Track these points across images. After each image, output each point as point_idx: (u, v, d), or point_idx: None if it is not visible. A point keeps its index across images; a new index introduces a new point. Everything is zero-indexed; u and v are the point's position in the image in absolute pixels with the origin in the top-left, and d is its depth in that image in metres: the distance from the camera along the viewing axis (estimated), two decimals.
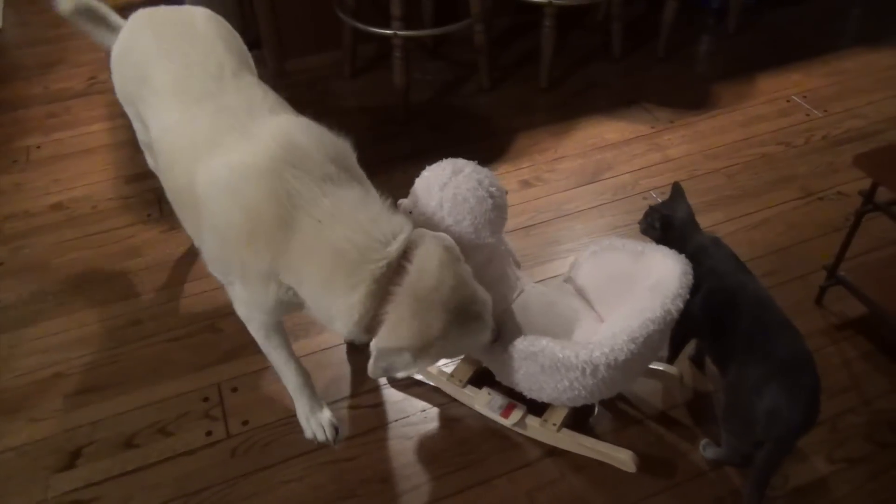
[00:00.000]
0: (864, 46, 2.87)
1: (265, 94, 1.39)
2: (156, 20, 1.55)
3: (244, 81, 1.41)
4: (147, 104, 1.46)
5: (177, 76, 1.41)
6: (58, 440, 1.58)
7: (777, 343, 1.34)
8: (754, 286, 1.44)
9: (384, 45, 2.74)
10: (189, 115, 1.34)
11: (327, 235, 1.17)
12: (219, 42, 1.48)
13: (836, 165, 2.29)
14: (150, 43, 1.48)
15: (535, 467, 1.51)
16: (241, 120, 1.29)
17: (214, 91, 1.36)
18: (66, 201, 2.23)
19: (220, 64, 1.42)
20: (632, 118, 2.53)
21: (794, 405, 1.28)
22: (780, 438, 1.30)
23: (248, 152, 1.22)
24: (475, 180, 1.36)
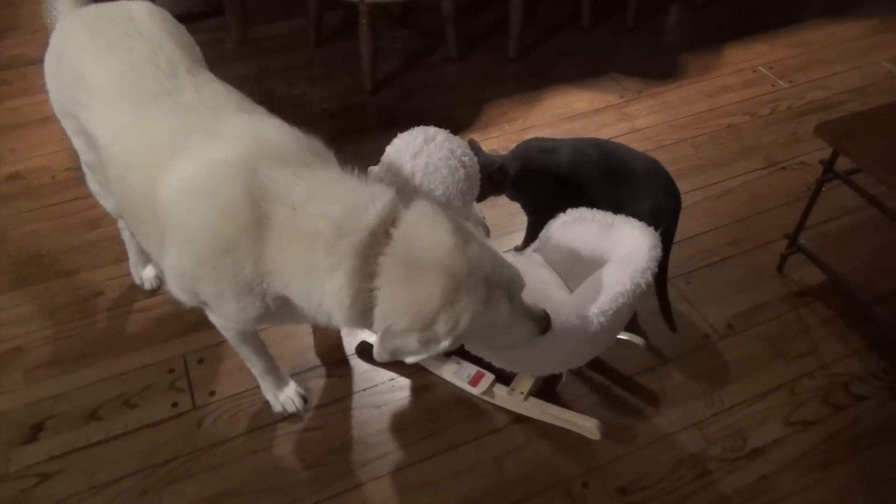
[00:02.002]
0: (830, 18, 2.90)
1: (228, 91, 1.28)
2: (88, 17, 1.37)
3: (202, 78, 1.29)
4: (88, 109, 1.29)
5: (122, 75, 1.26)
6: (19, 414, 1.55)
7: (633, 164, 1.58)
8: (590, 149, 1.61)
9: (350, 13, 2.69)
10: (143, 116, 1.21)
11: (301, 219, 1.05)
12: (165, 36, 1.33)
13: (800, 136, 2.32)
14: (84, 41, 1.32)
15: (501, 434, 1.53)
16: (206, 119, 1.17)
17: (170, 89, 1.23)
18: (23, 171, 2.16)
19: (171, 60, 1.28)
20: (601, 88, 2.53)
21: (671, 194, 1.57)
22: (667, 225, 1.56)
23: (220, 153, 1.10)
24: (447, 149, 1.35)
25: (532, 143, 1.63)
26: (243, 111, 1.22)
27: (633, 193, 1.57)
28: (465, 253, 1.04)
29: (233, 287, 1.11)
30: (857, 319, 1.75)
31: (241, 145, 1.11)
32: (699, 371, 1.66)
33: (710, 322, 1.76)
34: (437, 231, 1.04)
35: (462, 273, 1.03)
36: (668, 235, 1.59)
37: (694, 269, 1.89)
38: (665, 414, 1.58)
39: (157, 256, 1.24)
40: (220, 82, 1.31)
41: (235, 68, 2.58)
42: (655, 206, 1.57)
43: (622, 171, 1.57)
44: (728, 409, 1.59)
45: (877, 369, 1.66)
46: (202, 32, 2.74)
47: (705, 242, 1.96)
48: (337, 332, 1.72)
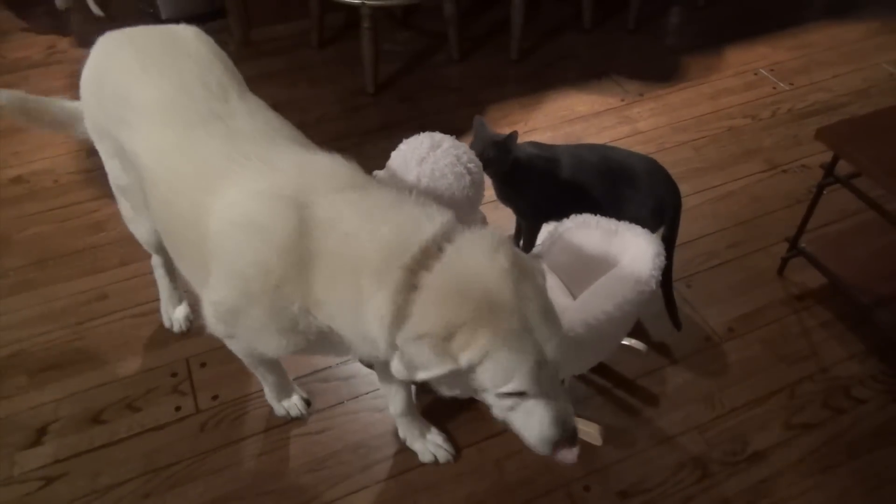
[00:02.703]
0: (831, 19, 2.90)
1: (281, 121, 1.25)
2: (135, 37, 1.34)
3: (254, 104, 1.25)
4: (132, 128, 1.24)
5: (171, 95, 1.22)
6: (23, 417, 1.56)
7: (633, 164, 1.60)
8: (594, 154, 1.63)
9: (353, 15, 2.70)
10: (194, 137, 1.16)
11: (352, 244, 1.01)
12: (215, 60, 1.30)
13: (801, 138, 2.32)
14: (132, 60, 1.28)
15: (503, 437, 1.54)
16: (260, 148, 1.13)
17: (222, 113, 1.19)
18: (27, 175, 2.17)
19: (222, 84, 1.25)
20: (602, 90, 2.53)
21: (672, 191, 1.60)
22: (673, 219, 1.60)
23: (274, 185, 1.06)
24: (453, 156, 1.35)
25: (528, 147, 1.63)
26: (296, 143, 1.19)
27: (634, 193, 1.58)
28: (515, 286, 0.98)
29: (278, 322, 1.08)
30: (857, 322, 1.76)
31: (295, 178, 1.07)
32: (700, 374, 1.66)
33: (711, 325, 1.77)
34: (493, 256, 0.99)
35: (502, 302, 0.96)
36: (672, 230, 1.61)
37: (695, 272, 1.89)
38: (666, 417, 1.58)
39: (199, 286, 1.20)
40: (273, 111, 1.28)
41: (238, 70, 2.58)
42: (658, 204, 1.59)
43: (622, 172, 1.58)
44: (729, 412, 1.59)
45: (876, 372, 1.67)
46: None
47: (706, 245, 1.97)
48: None
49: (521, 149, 1.61)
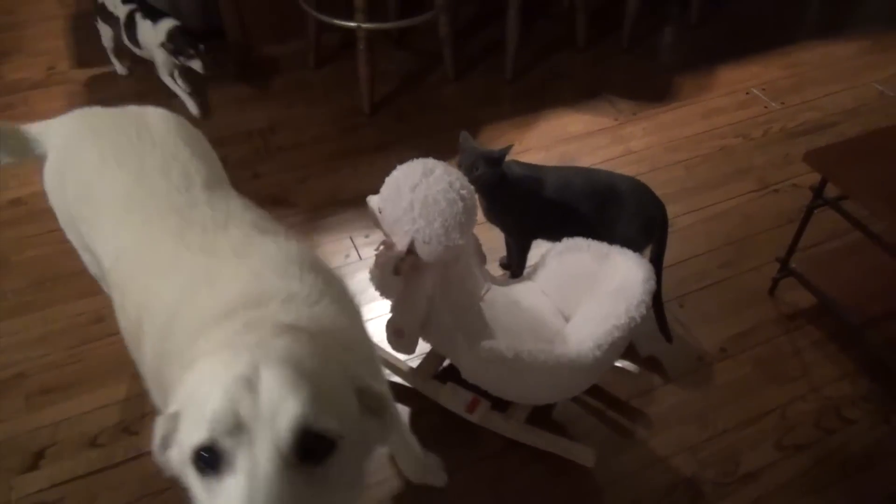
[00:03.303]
0: (822, 38, 2.93)
1: (245, 209, 1.14)
2: (97, 121, 1.26)
3: (219, 193, 1.15)
4: (93, 227, 1.17)
5: (130, 189, 1.13)
6: (20, 441, 1.57)
7: (617, 184, 1.62)
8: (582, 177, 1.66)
9: (349, 35, 2.72)
10: (147, 236, 1.08)
11: None
12: (182, 146, 1.22)
13: (792, 157, 2.35)
14: (92, 151, 1.20)
15: (497, 459, 1.55)
16: (209, 235, 1.05)
17: (181, 205, 1.11)
18: (26, 196, 2.19)
19: (186, 173, 1.16)
20: (595, 110, 2.56)
21: (658, 206, 1.63)
22: (661, 234, 1.64)
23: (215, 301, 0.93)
24: (446, 182, 1.36)
25: (514, 166, 1.66)
26: (254, 227, 1.09)
27: (621, 212, 1.61)
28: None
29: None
30: (847, 342, 1.78)
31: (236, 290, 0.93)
32: (693, 395, 1.68)
33: (703, 345, 1.79)
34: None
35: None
36: (661, 245, 1.64)
37: (687, 292, 1.91)
38: (659, 438, 1.60)
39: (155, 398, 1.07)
40: (242, 199, 1.18)
41: (235, 90, 2.61)
42: (647, 220, 1.62)
43: (608, 192, 1.61)
44: (721, 433, 1.61)
45: (867, 392, 1.68)
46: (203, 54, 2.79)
47: (698, 265, 1.99)
48: None
49: (507, 167, 1.63)
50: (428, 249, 1.37)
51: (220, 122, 2.48)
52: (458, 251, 1.43)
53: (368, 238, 2.05)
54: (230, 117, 2.49)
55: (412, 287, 1.44)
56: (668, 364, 1.74)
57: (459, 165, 1.57)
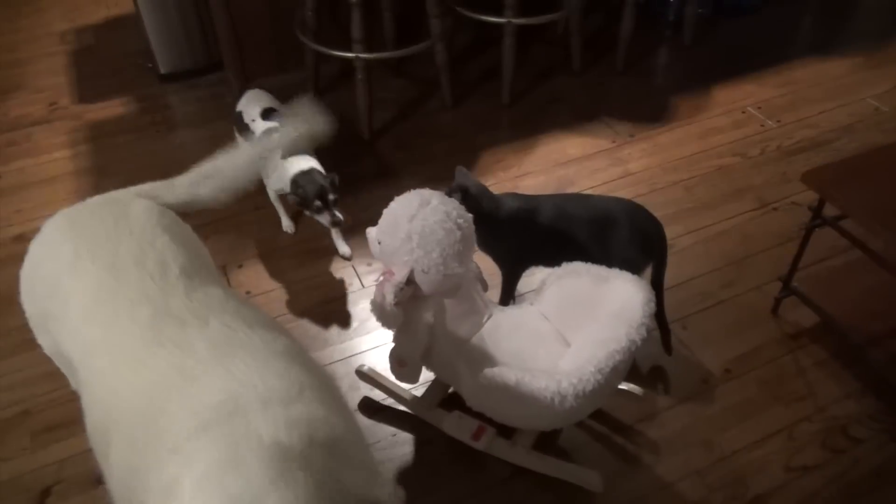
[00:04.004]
0: (815, 56, 2.96)
1: (226, 298, 1.05)
2: (76, 216, 1.19)
3: (197, 281, 1.07)
4: (61, 322, 1.08)
5: (101, 278, 1.05)
6: (26, 480, 1.57)
7: (611, 208, 1.64)
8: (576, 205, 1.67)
9: (347, 64, 2.76)
10: (118, 328, 0.99)
11: None
12: (160, 233, 1.14)
13: (790, 175, 2.36)
14: (66, 247, 1.12)
15: (504, 488, 1.55)
16: (186, 328, 0.96)
17: (154, 294, 1.02)
18: (30, 232, 2.19)
19: (162, 261, 1.08)
20: (593, 133, 2.58)
21: (655, 225, 1.65)
22: (661, 252, 1.66)
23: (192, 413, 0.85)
24: (443, 212, 1.38)
25: (509, 200, 1.66)
26: (240, 322, 0.99)
27: (618, 236, 1.62)
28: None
29: None
30: (851, 361, 1.77)
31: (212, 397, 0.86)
32: (698, 417, 1.67)
33: (707, 367, 1.78)
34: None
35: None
36: (662, 263, 1.67)
37: (690, 313, 1.91)
38: (666, 462, 1.59)
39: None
40: (223, 288, 1.09)
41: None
42: (644, 240, 1.63)
43: (604, 217, 1.63)
44: (728, 455, 1.60)
45: (873, 411, 1.68)
46: (203, 87, 2.83)
47: (700, 286, 1.99)
48: None
49: (501, 201, 1.64)
50: (427, 279, 1.37)
51: None
52: (457, 280, 1.44)
53: (371, 266, 2.06)
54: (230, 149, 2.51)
55: (413, 317, 1.45)
56: (674, 387, 1.73)
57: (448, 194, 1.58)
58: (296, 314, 1.94)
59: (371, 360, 1.81)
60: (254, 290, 2.01)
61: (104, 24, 3.31)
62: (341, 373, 1.78)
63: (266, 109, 2.09)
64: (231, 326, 0.97)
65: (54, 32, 3.25)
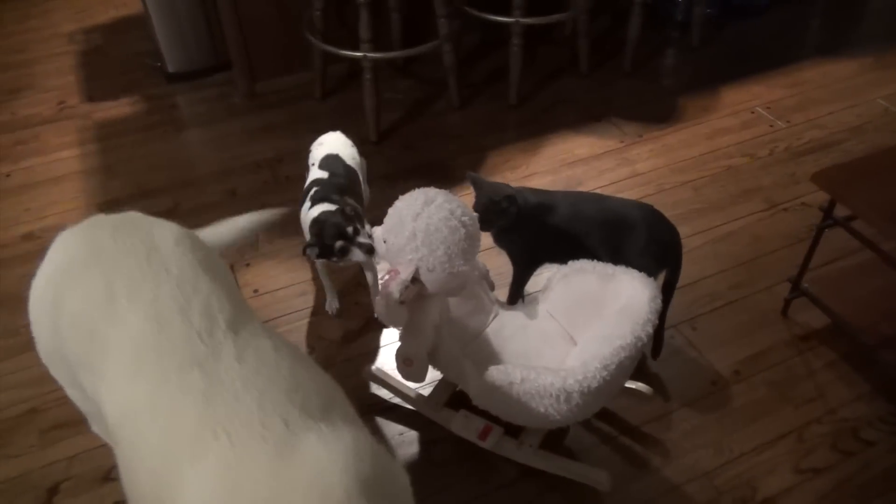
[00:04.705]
0: (824, 57, 2.95)
1: (279, 356, 0.98)
2: (102, 246, 1.09)
3: (245, 334, 0.99)
4: (97, 375, 1.01)
5: (143, 334, 0.97)
6: (34, 477, 1.57)
7: (629, 213, 1.61)
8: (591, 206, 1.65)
9: (355, 65, 2.76)
10: (164, 395, 0.91)
11: None
12: (201, 273, 1.06)
13: (799, 176, 2.35)
14: (97, 283, 1.04)
15: (511, 489, 1.54)
16: (240, 414, 0.87)
17: (203, 356, 0.94)
18: (38, 231, 2.21)
19: (207, 311, 1.00)
20: (601, 133, 2.57)
21: (672, 234, 1.63)
22: (676, 261, 1.64)
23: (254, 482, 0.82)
24: (447, 210, 1.38)
25: (527, 194, 1.66)
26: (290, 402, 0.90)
27: (634, 243, 1.60)
28: None
29: None
30: (862, 363, 1.76)
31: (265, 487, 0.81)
32: (707, 419, 1.66)
33: (716, 368, 1.77)
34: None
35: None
36: (675, 272, 1.65)
37: (698, 314, 1.90)
38: (674, 464, 1.58)
39: None
40: (269, 338, 1.02)
41: (243, 122, 2.64)
42: (660, 249, 1.61)
43: (620, 223, 1.60)
44: (737, 457, 1.59)
45: (884, 413, 1.66)
46: (210, 87, 2.84)
47: (709, 287, 1.98)
48: (346, 387, 1.74)
49: (520, 195, 1.63)
50: (432, 277, 1.37)
51: (229, 154, 2.51)
52: (462, 278, 1.43)
53: (379, 265, 2.06)
54: (238, 149, 2.52)
55: (418, 316, 1.44)
56: (682, 388, 1.72)
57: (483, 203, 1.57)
58: (303, 313, 1.94)
59: (378, 359, 1.81)
60: (261, 289, 2.01)
61: (112, 25, 3.32)
62: (349, 371, 1.78)
63: (327, 157, 1.86)
64: (290, 420, 0.88)
65: (63, 33, 3.26)
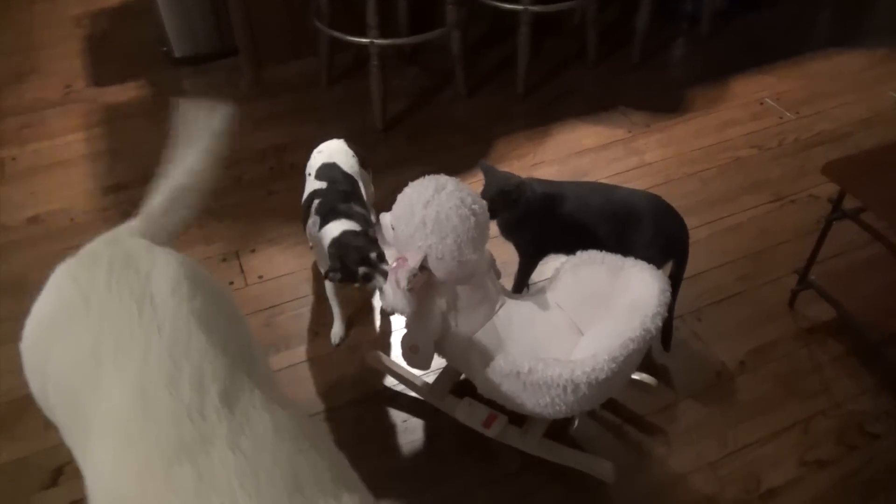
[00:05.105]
0: (834, 49, 2.92)
1: (278, 438, 0.86)
2: (93, 291, 0.99)
3: (241, 406, 0.88)
4: (80, 445, 0.94)
5: (129, 407, 0.87)
6: (38, 458, 1.58)
7: (636, 204, 1.60)
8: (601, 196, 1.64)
9: (361, 53, 2.75)
10: (152, 489, 0.81)
11: None
12: (194, 329, 0.95)
13: (808, 168, 2.33)
14: (84, 337, 0.95)
15: (515, 478, 1.54)
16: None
17: (194, 442, 0.83)
18: (44, 214, 2.21)
19: (199, 382, 0.88)
20: (608, 123, 2.56)
21: (680, 225, 1.62)
22: (682, 253, 1.63)
23: None
24: (458, 198, 1.36)
25: (535, 185, 1.65)
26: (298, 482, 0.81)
27: (641, 235, 1.59)
28: None
29: None
30: (868, 357, 1.75)
31: None
32: (712, 410, 1.66)
33: (721, 360, 1.77)
34: None
35: None
36: (681, 266, 1.64)
37: (704, 305, 1.89)
38: (678, 454, 1.58)
39: None
40: (268, 410, 0.89)
41: (249, 108, 2.63)
42: (668, 242, 1.60)
43: (627, 214, 1.59)
44: (741, 448, 1.59)
45: (890, 407, 1.66)
46: (217, 72, 2.83)
47: (715, 279, 1.97)
48: (350, 374, 1.74)
49: (527, 187, 1.62)
50: (441, 265, 1.37)
51: (234, 140, 2.49)
52: (470, 267, 1.43)
53: (387, 252, 2.05)
54: (244, 137, 2.51)
55: (425, 304, 1.44)
56: (687, 379, 1.72)
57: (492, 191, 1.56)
58: (307, 299, 1.93)
59: (384, 346, 1.81)
60: (266, 275, 2.00)
61: (119, 9, 3.31)
62: (353, 358, 1.78)
63: (324, 166, 1.76)
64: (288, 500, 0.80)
65: (69, 16, 3.24)
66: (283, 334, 1.83)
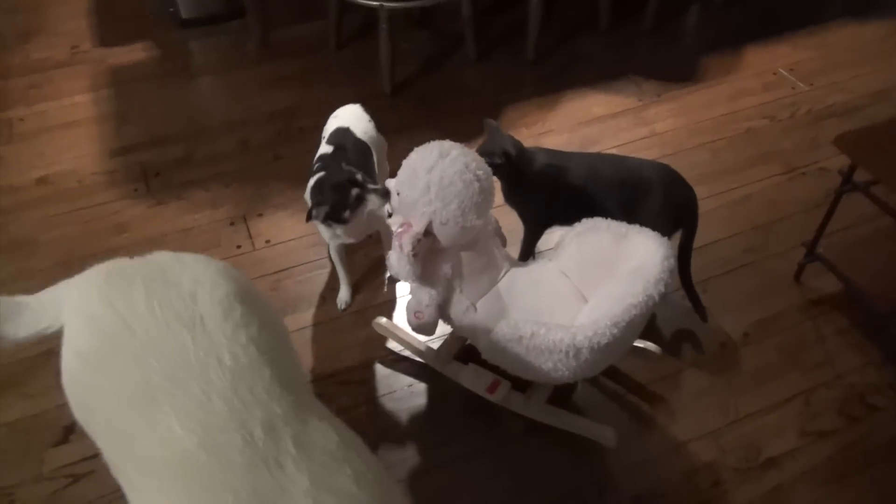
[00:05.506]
0: (851, 19, 2.87)
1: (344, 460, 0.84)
2: (130, 309, 0.93)
3: (321, 460, 0.82)
4: (129, 485, 0.89)
5: (187, 447, 0.81)
6: (51, 416, 1.60)
7: (646, 174, 1.60)
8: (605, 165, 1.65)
9: (369, 17, 2.71)
10: None
11: None
12: (253, 350, 0.89)
13: (819, 140, 2.31)
14: (132, 370, 0.88)
15: (517, 442, 1.56)
16: None
17: (271, 490, 0.78)
18: (52, 175, 2.21)
19: (270, 419, 0.83)
20: (619, 91, 2.53)
21: (689, 195, 1.63)
22: (692, 223, 1.64)
23: None
24: (462, 164, 1.37)
25: (541, 155, 1.64)
26: None
27: (650, 204, 1.58)
28: None
29: None
30: (874, 330, 1.76)
31: None
32: (715, 380, 1.67)
33: (726, 331, 1.77)
34: None
35: None
36: (690, 235, 1.64)
37: (710, 276, 1.89)
38: (680, 423, 1.59)
39: None
40: (347, 458, 0.84)
41: (257, 71, 2.61)
42: (676, 210, 1.60)
43: (637, 184, 1.59)
44: (743, 418, 1.60)
45: (893, 380, 1.66)
46: (225, 34, 2.80)
47: (722, 250, 1.97)
48: (356, 339, 1.76)
49: (532, 157, 1.61)
50: (445, 231, 1.37)
51: (242, 103, 2.49)
52: (474, 232, 1.43)
53: (389, 219, 2.05)
54: (251, 99, 2.50)
55: (430, 269, 1.44)
56: (691, 349, 1.73)
57: (480, 151, 1.56)
58: (315, 264, 1.94)
59: (390, 312, 1.82)
60: (273, 240, 2.01)
61: None
62: (360, 323, 1.79)
63: (337, 130, 1.73)
64: None
65: None
66: (290, 298, 1.84)
